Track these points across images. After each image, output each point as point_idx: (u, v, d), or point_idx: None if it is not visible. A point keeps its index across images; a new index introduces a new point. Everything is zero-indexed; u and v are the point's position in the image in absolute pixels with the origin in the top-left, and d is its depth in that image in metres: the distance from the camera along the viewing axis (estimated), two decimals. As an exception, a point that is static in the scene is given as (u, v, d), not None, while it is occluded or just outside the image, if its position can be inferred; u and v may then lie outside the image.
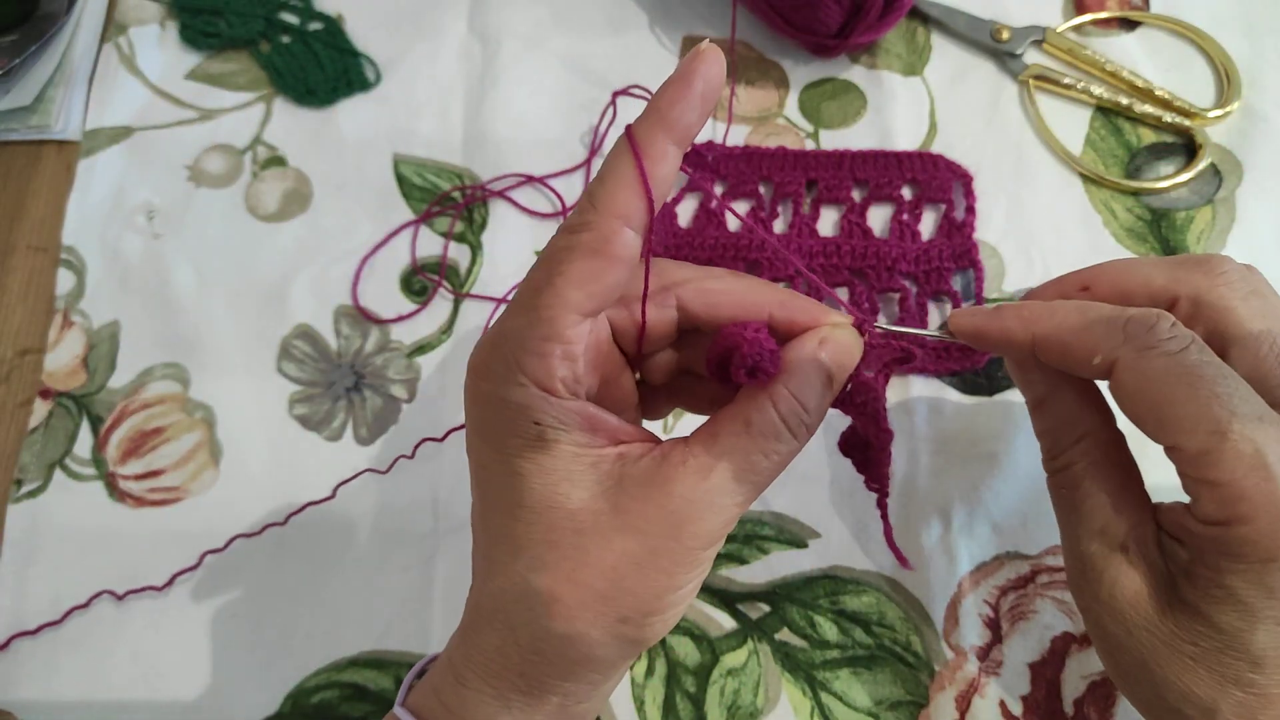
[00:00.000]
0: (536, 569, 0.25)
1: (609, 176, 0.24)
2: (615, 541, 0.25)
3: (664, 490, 0.25)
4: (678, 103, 0.24)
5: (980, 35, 0.49)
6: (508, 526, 0.26)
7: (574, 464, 0.25)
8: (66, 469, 0.42)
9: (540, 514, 0.25)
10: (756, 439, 0.25)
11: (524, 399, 0.25)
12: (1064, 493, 0.30)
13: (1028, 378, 0.31)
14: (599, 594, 0.25)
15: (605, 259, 0.24)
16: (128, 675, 0.39)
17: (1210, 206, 0.45)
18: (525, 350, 0.24)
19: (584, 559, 0.25)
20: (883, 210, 0.46)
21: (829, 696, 0.38)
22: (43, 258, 0.46)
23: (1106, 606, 0.28)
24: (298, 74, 0.50)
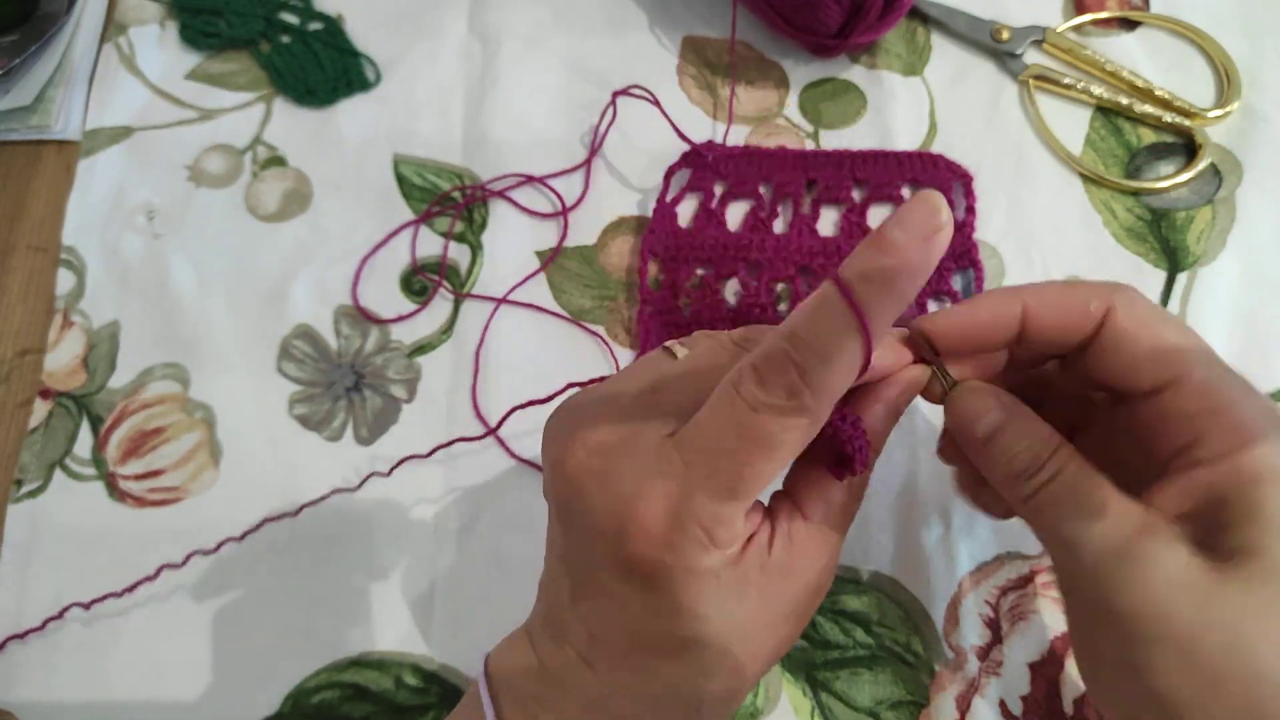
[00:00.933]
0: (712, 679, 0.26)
1: (833, 356, 0.23)
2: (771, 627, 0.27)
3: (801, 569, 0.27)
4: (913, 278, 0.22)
5: (980, 35, 0.49)
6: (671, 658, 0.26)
7: (736, 588, 0.26)
8: (66, 469, 0.42)
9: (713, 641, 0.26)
10: (858, 494, 0.28)
11: (710, 565, 0.25)
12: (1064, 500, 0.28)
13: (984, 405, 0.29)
14: (761, 670, 0.28)
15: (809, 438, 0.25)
16: (127, 675, 0.39)
17: (1210, 206, 0.45)
18: (722, 526, 0.25)
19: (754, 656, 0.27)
20: (883, 210, 0.46)
21: (829, 696, 0.38)
22: (43, 258, 0.46)
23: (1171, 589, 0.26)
24: (298, 74, 0.50)
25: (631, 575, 0.26)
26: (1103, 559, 0.27)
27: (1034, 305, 0.28)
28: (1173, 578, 0.26)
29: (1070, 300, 0.28)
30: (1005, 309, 0.29)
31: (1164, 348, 0.27)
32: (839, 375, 0.23)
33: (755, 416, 0.23)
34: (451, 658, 0.39)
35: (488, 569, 0.40)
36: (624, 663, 0.27)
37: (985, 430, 0.29)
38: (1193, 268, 0.44)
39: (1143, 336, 0.27)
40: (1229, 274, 0.44)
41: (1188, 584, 0.26)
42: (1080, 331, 0.28)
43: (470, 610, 0.39)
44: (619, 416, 0.27)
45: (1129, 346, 0.27)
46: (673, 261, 0.45)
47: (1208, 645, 0.25)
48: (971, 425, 0.29)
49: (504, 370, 0.43)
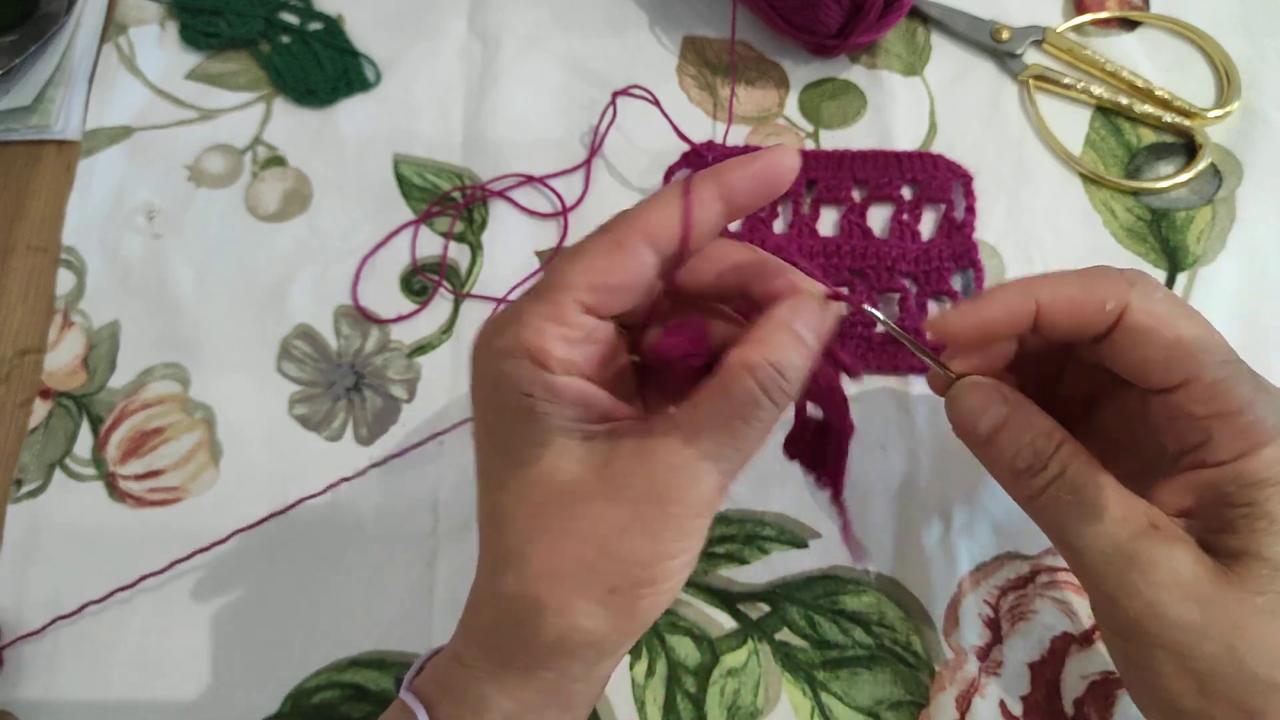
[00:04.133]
0: (525, 541, 0.26)
1: (649, 200, 0.26)
2: (601, 510, 0.25)
3: (649, 458, 0.25)
4: (736, 169, 0.26)
5: (980, 35, 0.49)
6: (500, 500, 0.26)
7: (564, 438, 0.26)
8: (66, 469, 0.42)
9: (530, 487, 0.26)
10: (736, 405, 0.26)
11: (518, 371, 0.25)
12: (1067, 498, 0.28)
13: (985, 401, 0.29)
14: (585, 563, 0.25)
15: (615, 263, 0.26)
16: (128, 675, 0.39)
17: (1210, 206, 0.45)
18: (526, 326, 0.25)
19: (570, 529, 0.25)
20: (883, 210, 0.46)
21: (829, 696, 0.38)
22: (43, 258, 0.46)
23: (1172, 590, 0.26)
24: (298, 74, 0.50)
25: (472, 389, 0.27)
26: (1105, 561, 0.27)
27: (1047, 302, 0.28)
28: (1172, 581, 0.26)
29: (1085, 296, 0.28)
30: (1019, 305, 0.28)
31: (1177, 348, 0.27)
32: (648, 209, 0.26)
33: (578, 243, 0.27)
34: (451, 658, 0.39)
35: (488, 569, 0.40)
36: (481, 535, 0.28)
37: (987, 428, 0.29)
38: (1193, 268, 0.44)
39: (1156, 335, 0.27)
40: (1229, 274, 0.44)
41: (1187, 588, 0.26)
42: (1095, 328, 0.28)
43: (470, 610, 0.39)
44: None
45: (1141, 346, 0.27)
46: (673, 261, 0.45)
47: (1204, 651, 0.25)
48: (973, 423, 0.29)
49: (504, 370, 0.43)
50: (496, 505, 0.27)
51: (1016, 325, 0.29)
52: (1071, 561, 0.29)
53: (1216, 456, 0.26)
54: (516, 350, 0.25)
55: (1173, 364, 0.27)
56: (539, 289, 0.26)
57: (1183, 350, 0.27)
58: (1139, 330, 0.27)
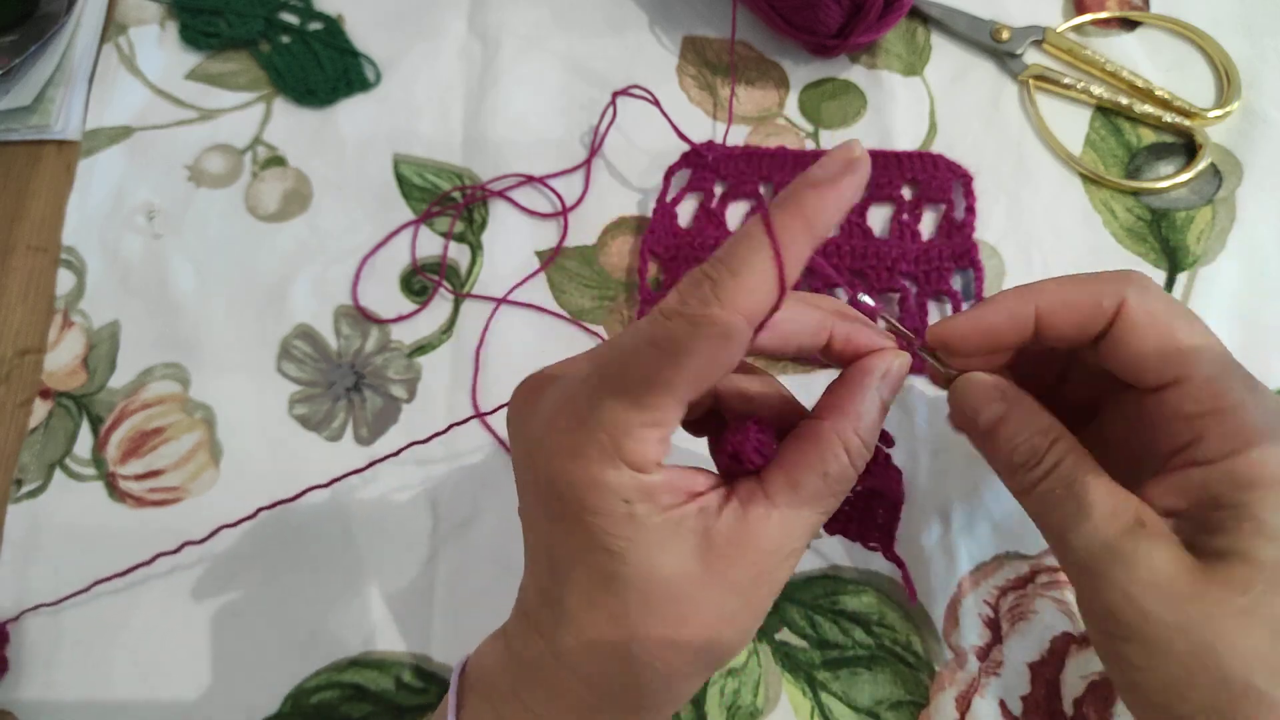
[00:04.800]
0: (637, 640, 0.25)
1: (742, 269, 0.23)
2: (712, 601, 0.25)
3: (753, 547, 0.26)
4: (827, 207, 0.23)
5: (980, 35, 0.49)
6: (597, 597, 0.26)
7: (662, 534, 0.25)
8: (66, 469, 0.42)
9: (635, 587, 0.25)
10: (831, 485, 0.26)
11: (618, 481, 0.25)
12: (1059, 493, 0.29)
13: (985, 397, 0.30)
14: (697, 650, 0.26)
15: (723, 358, 0.24)
16: (128, 675, 0.39)
17: (1210, 206, 0.45)
18: (629, 437, 0.24)
19: (683, 624, 0.25)
20: (883, 210, 0.46)
21: (829, 696, 0.38)
22: (43, 258, 0.46)
23: (1149, 587, 0.26)
24: (298, 74, 0.50)
25: (551, 495, 0.26)
26: (1090, 555, 0.27)
27: (1045, 307, 0.29)
28: (1150, 578, 0.26)
29: (1082, 297, 0.28)
30: (1018, 311, 0.29)
31: (1170, 346, 0.27)
32: (748, 286, 0.23)
33: (665, 323, 0.24)
34: (451, 658, 0.39)
35: (488, 568, 0.40)
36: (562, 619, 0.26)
37: (986, 422, 0.29)
38: (1193, 268, 0.44)
39: (1150, 334, 0.27)
40: (1229, 274, 0.44)
41: (1165, 586, 0.26)
42: (1093, 328, 0.28)
43: (470, 609, 0.39)
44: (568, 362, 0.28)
45: (1135, 344, 0.27)
46: (673, 261, 0.45)
47: (1177, 648, 0.26)
48: (973, 417, 0.30)
49: (504, 370, 0.43)
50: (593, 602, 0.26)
51: (1017, 331, 0.29)
52: (1060, 555, 0.29)
53: (1206, 455, 0.26)
54: (617, 460, 0.24)
55: (1166, 362, 0.27)
56: (636, 391, 0.24)
57: (1176, 348, 0.27)
58: (1134, 328, 0.27)
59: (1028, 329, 0.29)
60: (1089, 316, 0.28)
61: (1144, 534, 0.27)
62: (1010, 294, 0.29)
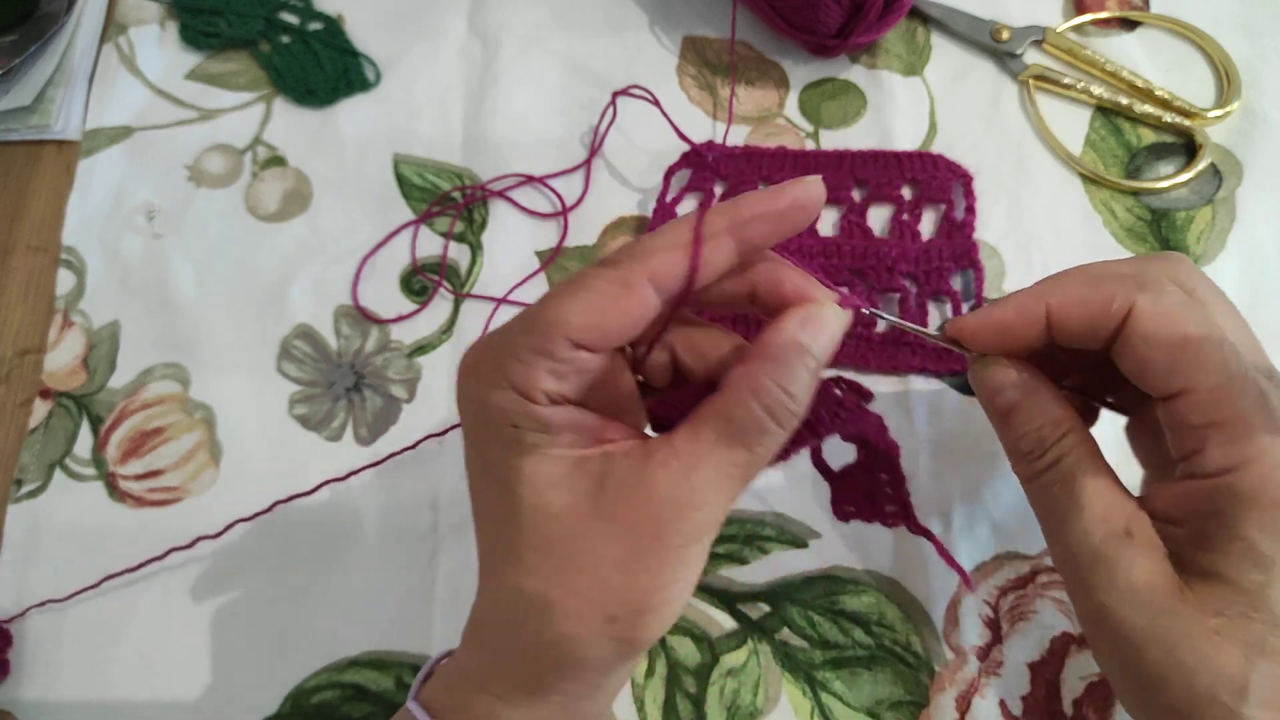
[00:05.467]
0: (528, 574, 0.25)
1: (660, 234, 0.25)
2: (600, 544, 0.25)
3: (646, 490, 0.25)
4: (756, 207, 0.25)
5: (980, 35, 0.49)
6: (500, 531, 0.26)
7: (555, 467, 0.25)
8: (66, 469, 0.42)
9: (529, 519, 0.25)
10: (739, 434, 0.25)
11: (504, 402, 0.25)
12: (1056, 489, 0.29)
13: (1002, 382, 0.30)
14: (587, 596, 0.25)
15: (616, 303, 0.24)
16: (128, 675, 0.39)
17: (1210, 206, 0.45)
18: (513, 357, 0.25)
19: (571, 563, 0.25)
20: (883, 210, 0.46)
21: (829, 696, 0.38)
22: (43, 258, 0.46)
23: (1125, 595, 0.26)
24: (298, 74, 0.50)
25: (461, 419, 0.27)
26: (1075, 556, 0.28)
27: (1056, 305, 0.28)
28: (1127, 587, 0.27)
29: (1093, 297, 0.28)
30: (1029, 309, 0.29)
31: (1179, 353, 0.26)
32: (654, 245, 0.25)
33: (585, 269, 0.26)
34: (451, 658, 0.39)
35: (488, 569, 0.40)
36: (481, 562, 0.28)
37: (999, 407, 0.30)
38: (1193, 268, 0.44)
39: (1157, 341, 0.27)
40: (1229, 274, 0.44)
41: (1144, 596, 0.26)
42: (1104, 330, 0.28)
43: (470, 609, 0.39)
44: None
45: (1142, 351, 0.27)
46: (673, 261, 0.45)
47: (1150, 655, 0.26)
48: (990, 400, 0.30)
49: (504, 370, 0.43)
50: (497, 538, 0.27)
51: (1028, 328, 0.29)
52: (1050, 548, 0.30)
53: (1205, 469, 0.26)
54: (501, 381, 0.25)
55: (1173, 371, 0.26)
56: (531, 319, 0.25)
57: (1184, 357, 0.26)
58: (1141, 335, 0.27)
59: (1039, 327, 0.29)
60: (1098, 318, 0.28)
61: (1130, 543, 0.27)
62: (1023, 291, 0.30)
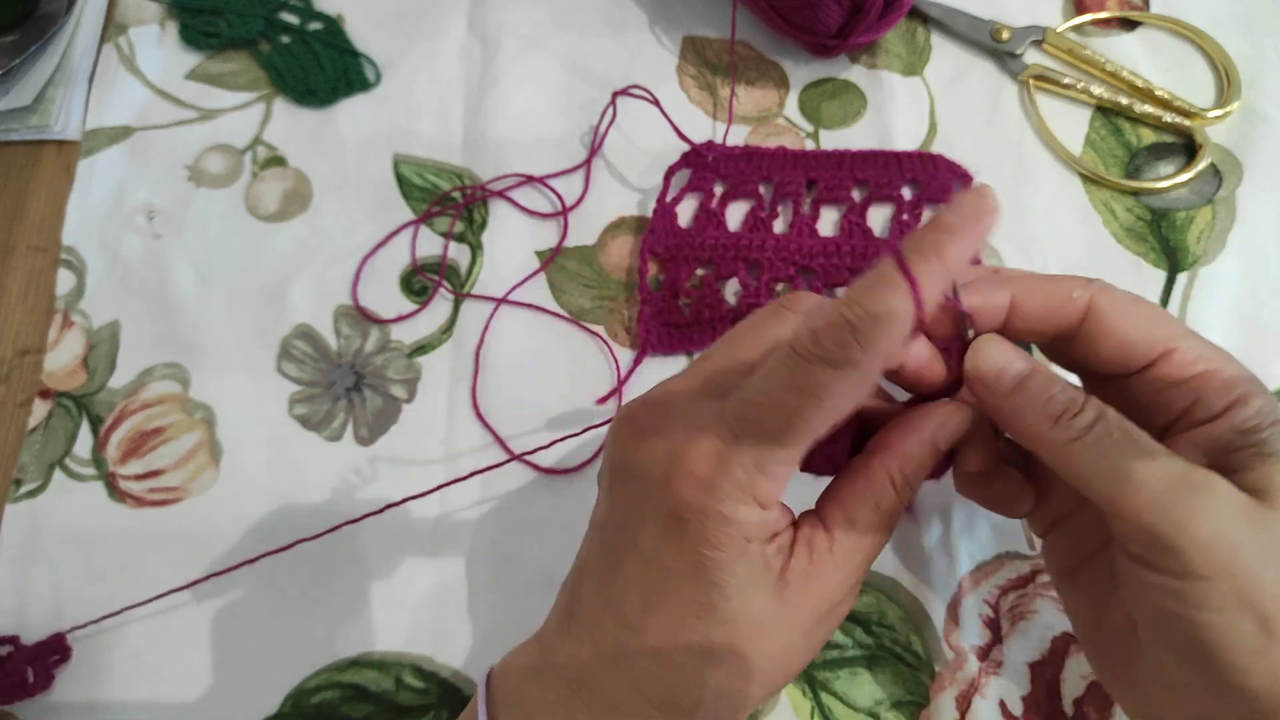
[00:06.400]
0: (716, 668, 0.26)
1: (883, 316, 0.23)
2: (784, 637, 0.27)
3: (821, 583, 0.27)
4: (962, 251, 0.24)
5: (980, 35, 0.49)
6: (684, 624, 0.26)
7: (758, 571, 0.26)
8: (66, 469, 0.42)
9: (725, 621, 0.26)
10: (884, 518, 0.28)
11: (747, 518, 0.25)
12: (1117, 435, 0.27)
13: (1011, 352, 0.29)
14: (763, 685, 0.27)
15: (858, 398, 0.25)
16: (128, 676, 0.39)
17: (1210, 206, 0.45)
18: (766, 476, 0.25)
19: (760, 658, 0.26)
20: (883, 210, 0.46)
21: (829, 696, 0.38)
22: (43, 258, 0.46)
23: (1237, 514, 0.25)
24: (298, 74, 0.50)
25: (671, 520, 0.26)
26: (1168, 490, 0.25)
27: (1020, 294, 0.29)
28: (1237, 506, 0.25)
29: (1054, 288, 0.29)
30: (992, 297, 0.29)
31: (1152, 325, 0.28)
32: (888, 331, 0.23)
33: (807, 367, 0.24)
34: (451, 658, 0.39)
35: (488, 569, 0.40)
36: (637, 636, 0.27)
37: (1014, 377, 0.28)
38: (1193, 268, 0.44)
39: (1129, 318, 0.28)
40: (1229, 274, 0.44)
41: (1250, 512, 0.25)
42: (1065, 319, 0.29)
43: (470, 610, 0.39)
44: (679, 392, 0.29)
45: (1117, 328, 0.28)
46: (673, 261, 0.45)
47: (1269, 578, 0.24)
48: (999, 374, 0.28)
49: (504, 370, 0.43)
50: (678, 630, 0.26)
51: (992, 313, 0.29)
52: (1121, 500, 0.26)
53: (1210, 411, 0.27)
54: (748, 498, 0.25)
55: (1151, 338, 0.28)
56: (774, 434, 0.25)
57: (1154, 326, 0.28)
58: (1110, 315, 0.28)
59: (1000, 314, 0.29)
60: (1061, 307, 0.29)
61: (1209, 470, 0.26)
62: (986, 277, 0.29)
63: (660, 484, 0.26)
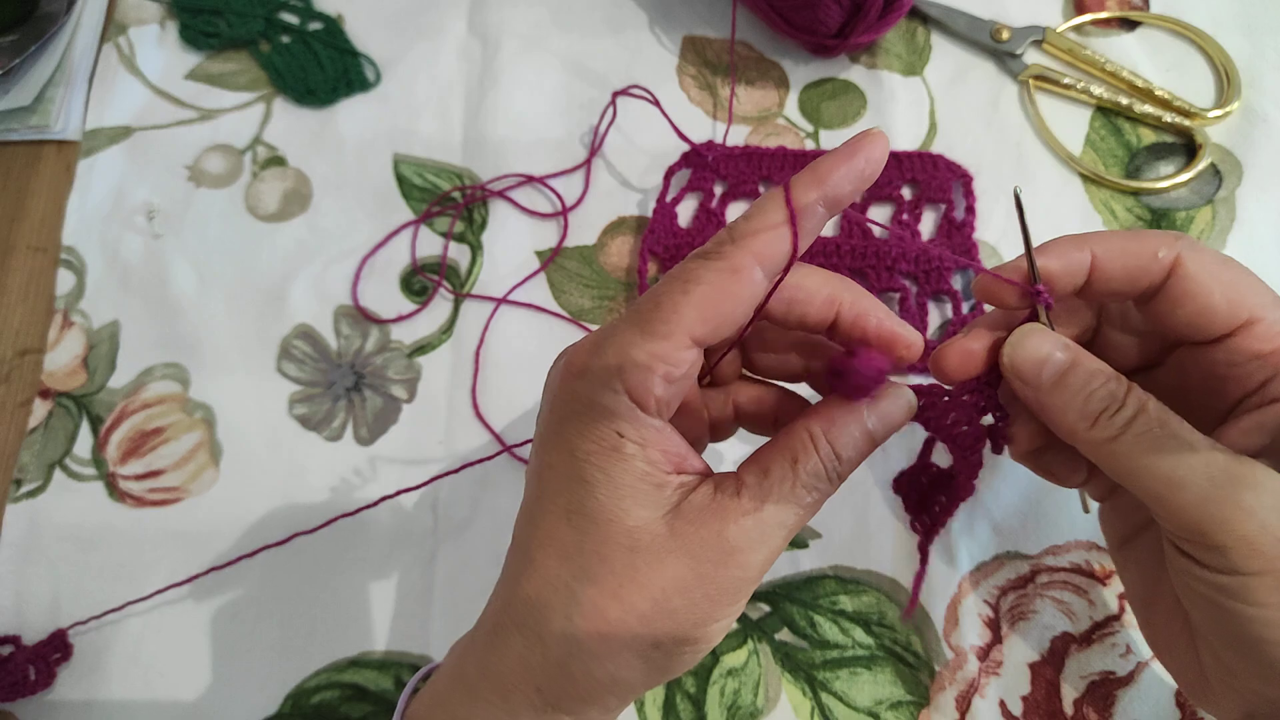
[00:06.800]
0: (582, 579, 0.25)
1: (755, 216, 0.25)
2: (667, 564, 0.25)
3: (718, 519, 0.25)
4: (837, 169, 0.24)
5: (980, 35, 0.49)
6: (559, 531, 0.26)
7: (641, 482, 0.25)
8: (66, 469, 0.42)
9: (598, 525, 0.25)
10: (802, 477, 0.26)
11: (614, 406, 0.25)
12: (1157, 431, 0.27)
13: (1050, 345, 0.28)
14: (640, 614, 0.25)
15: (731, 292, 0.24)
16: (128, 675, 0.39)
17: (1210, 206, 0.45)
18: (632, 361, 0.25)
19: (633, 577, 0.25)
20: (883, 210, 0.46)
21: (829, 696, 0.38)
22: (43, 258, 0.46)
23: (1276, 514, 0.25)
24: (298, 74, 0.50)
25: (552, 416, 0.26)
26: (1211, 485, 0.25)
27: (1102, 252, 0.28)
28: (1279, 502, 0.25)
29: (1139, 247, 0.28)
30: (1074, 257, 0.28)
31: (1236, 292, 0.27)
32: (757, 227, 0.25)
33: (684, 262, 0.25)
34: (451, 658, 0.39)
35: (487, 569, 0.40)
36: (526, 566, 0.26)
37: (1054, 371, 0.28)
38: (1193, 268, 0.44)
39: (1213, 283, 0.27)
40: (1229, 274, 0.44)
41: None
42: (1148, 278, 0.28)
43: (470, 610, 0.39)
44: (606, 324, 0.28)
45: (1201, 292, 0.27)
46: (672, 261, 0.45)
47: None
48: (1038, 367, 0.28)
49: (504, 370, 0.43)
50: (553, 537, 0.26)
51: (1071, 278, 0.29)
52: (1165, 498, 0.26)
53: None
54: (615, 384, 0.25)
55: (1235, 305, 0.27)
56: (646, 316, 0.25)
57: (1241, 293, 0.27)
58: (1194, 278, 0.27)
59: (1081, 276, 0.28)
60: (1145, 266, 0.28)
61: (1253, 462, 0.25)
62: (1065, 239, 0.29)
63: (550, 385, 0.27)
